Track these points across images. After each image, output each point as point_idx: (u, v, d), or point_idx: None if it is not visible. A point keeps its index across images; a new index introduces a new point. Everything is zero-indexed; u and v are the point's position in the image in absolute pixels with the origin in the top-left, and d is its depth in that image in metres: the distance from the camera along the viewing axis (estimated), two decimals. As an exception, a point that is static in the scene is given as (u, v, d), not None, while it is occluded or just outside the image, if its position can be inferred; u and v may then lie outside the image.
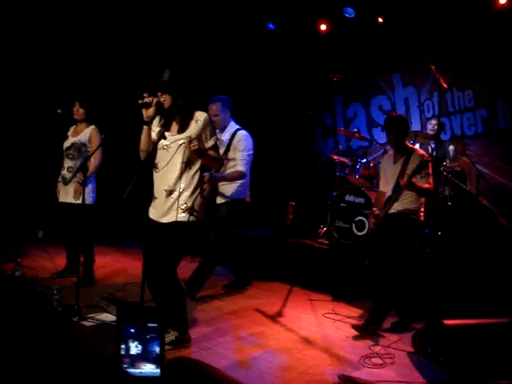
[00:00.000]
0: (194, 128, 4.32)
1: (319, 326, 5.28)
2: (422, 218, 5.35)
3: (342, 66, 8.90)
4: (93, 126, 6.30)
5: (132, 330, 3.52)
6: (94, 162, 6.13)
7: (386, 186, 5.51)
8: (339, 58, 9.24)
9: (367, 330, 4.96)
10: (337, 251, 7.12)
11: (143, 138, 4.36)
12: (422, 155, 5.24)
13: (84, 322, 4.86)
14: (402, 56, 8.66)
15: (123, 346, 3.51)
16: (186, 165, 4.32)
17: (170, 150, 4.31)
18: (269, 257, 7.40)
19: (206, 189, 5.44)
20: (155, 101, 4.24)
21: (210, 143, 4.42)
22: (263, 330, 5.06)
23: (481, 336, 4.20)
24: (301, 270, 7.03)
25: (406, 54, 8.57)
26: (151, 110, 4.27)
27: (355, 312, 5.73)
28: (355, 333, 4.97)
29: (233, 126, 6.04)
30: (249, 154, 5.95)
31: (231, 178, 5.93)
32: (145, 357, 3.50)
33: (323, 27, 9.20)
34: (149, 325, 3.52)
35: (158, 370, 3.47)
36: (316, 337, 4.92)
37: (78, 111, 6.30)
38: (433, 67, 6.75)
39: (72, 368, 3.74)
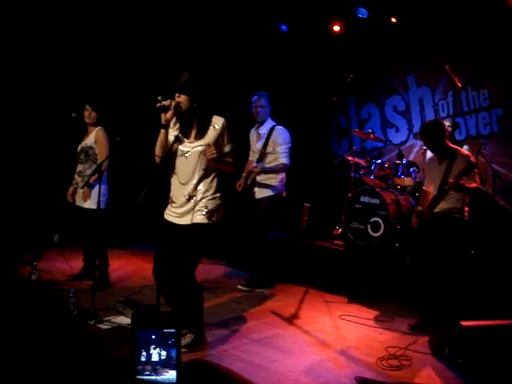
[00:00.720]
0: (211, 134, 4.32)
1: (335, 327, 5.25)
2: (466, 218, 5.33)
3: (356, 67, 8.86)
4: (99, 127, 6.28)
5: (147, 336, 3.51)
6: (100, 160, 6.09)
7: (430, 186, 5.45)
8: (353, 58, 9.21)
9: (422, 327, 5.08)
10: (352, 252, 7.09)
11: (160, 141, 4.35)
12: (467, 156, 5.19)
13: (100, 325, 4.88)
14: (415, 56, 8.60)
15: (139, 352, 3.51)
16: (206, 171, 4.35)
17: (189, 157, 4.32)
18: (284, 259, 7.38)
19: (249, 179, 6.12)
20: (173, 104, 4.25)
21: (226, 149, 4.42)
22: (279, 332, 5.05)
23: (499, 337, 4.16)
24: (316, 271, 7.02)
25: (419, 53, 8.52)
26: (169, 114, 4.27)
27: (371, 313, 5.70)
28: (372, 334, 4.94)
29: (270, 121, 6.33)
30: (289, 147, 6.20)
31: (277, 170, 6.21)
32: (161, 362, 3.49)
33: (336, 28, 9.17)
34: (165, 330, 3.52)
35: (174, 375, 3.47)
36: (332, 339, 4.90)
37: (91, 115, 6.28)
38: (447, 67, 6.71)
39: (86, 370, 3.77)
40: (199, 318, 4.47)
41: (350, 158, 7.93)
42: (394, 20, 8.48)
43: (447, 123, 7.48)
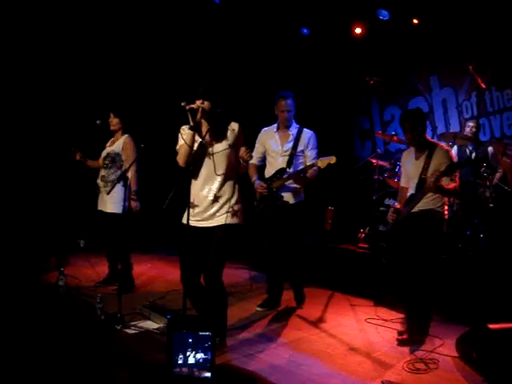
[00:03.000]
0: (230, 137, 4.43)
1: (361, 331, 5.24)
2: (445, 217, 5.07)
3: (378, 69, 8.84)
4: (126, 135, 6.41)
5: (184, 339, 3.57)
6: (130, 174, 6.14)
7: (407, 183, 5.25)
8: (375, 60, 9.19)
9: (413, 341, 4.81)
10: (377, 255, 7.06)
11: (187, 143, 4.34)
12: (447, 151, 5.01)
13: (127, 330, 4.92)
14: (438, 57, 8.56)
15: (176, 355, 3.56)
16: (228, 172, 4.42)
17: (213, 158, 4.38)
18: (309, 262, 7.37)
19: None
20: (201, 108, 4.31)
21: None
22: (305, 335, 5.05)
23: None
24: (341, 274, 7.00)
25: (442, 54, 8.48)
26: (198, 116, 4.33)
27: (397, 316, 5.66)
28: (398, 337, 4.91)
29: (295, 124, 6.07)
30: (317, 152, 5.98)
31: (314, 177, 5.87)
32: (197, 364, 3.55)
33: (358, 30, 9.16)
34: (201, 333, 3.57)
35: (209, 375, 3.51)
36: (358, 342, 4.89)
37: (113, 121, 6.41)
38: (470, 67, 6.67)
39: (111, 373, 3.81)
40: (224, 320, 4.50)
41: (373, 161, 7.91)
42: (415, 21, 8.45)
43: (471, 124, 7.44)
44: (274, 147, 6.02)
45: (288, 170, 5.86)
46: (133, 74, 9.20)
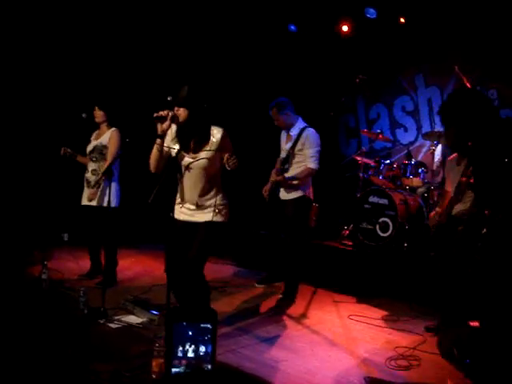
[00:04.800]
0: (213, 145, 4.39)
1: (344, 327, 5.26)
2: None
3: (365, 67, 8.86)
4: (113, 129, 6.41)
5: (184, 331, 3.54)
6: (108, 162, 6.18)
7: (450, 186, 5.32)
8: (361, 59, 9.21)
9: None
10: (361, 253, 7.10)
11: (154, 152, 4.41)
12: None
13: (110, 324, 4.90)
14: (424, 56, 8.59)
15: (175, 347, 3.54)
16: (211, 178, 4.46)
17: (192, 171, 4.42)
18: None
19: (266, 189, 6.11)
20: (170, 115, 4.29)
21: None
22: (288, 331, 5.07)
23: (508, 338, 4.15)
24: (325, 271, 7.03)
25: (428, 54, 8.50)
26: (166, 124, 4.32)
27: (380, 313, 5.70)
28: (381, 334, 4.95)
29: (300, 123, 6.23)
30: (318, 150, 6.08)
31: (302, 177, 6.05)
32: (196, 357, 3.54)
33: (345, 28, 9.18)
34: (202, 325, 3.55)
35: (209, 367, 3.53)
36: (341, 339, 4.91)
37: (97, 114, 6.41)
38: (456, 67, 6.70)
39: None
40: None
41: (358, 158, 7.94)
42: (402, 20, 8.48)
43: None
44: (282, 146, 6.40)
45: (283, 167, 6.19)
46: (118, 66, 9.14)
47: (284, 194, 6.19)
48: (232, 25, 9.45)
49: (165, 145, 4.42)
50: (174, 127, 4.47)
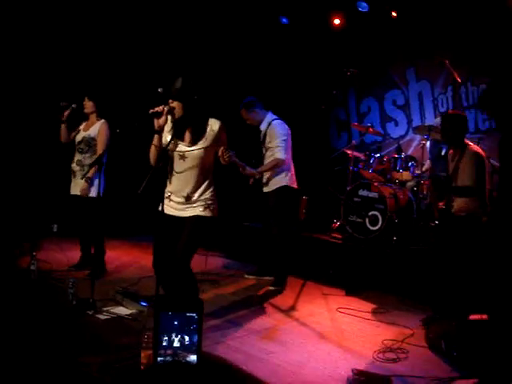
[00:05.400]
0: (209, 136, 4.37)
1: (333, 320, 5.29)
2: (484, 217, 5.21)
3: (356, 61, 8.86)
4: (103, 121, 6.35)
5: (170, 320, 3.55)
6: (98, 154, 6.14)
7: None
8: (353, 52, 9.22)
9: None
10: (350, 246, 7.12)
11: (154, 146, 4.39)
12: (474, 153, 5.12)
13: (99, 316, 4.89)
14: (415, 50, 8.61)
15: (161, 336, 3.54)
16: (204, 170, 4.43)
17: (186, 160, 4.38)
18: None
19: (251, 181, 6.33)
20: (166, 110, 4.28)
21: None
22: (276, 323, 5.08)
23: (495, 331, 4.18)
24: (314, 264, 7.04)
25: (419, 48, 8.52)
26: (162, 119, 4.30)
27: (369, 306, 5.73)
28: (369, 327, 4.97)
29: (269, 117, 6.36)
30: (283, 140, 6.20)
31: (270, 168, 6.22)
32: (182, 347, 3.54)
33: (337, 21, 9.17)
34: (188, 314, 3.55)
35: (195, 358, 3.52)
36: (329, 331, 4.93)
37: (87, 104, 6.35)
38: (447, 62, 6.72)
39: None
40: None
41: (348, 152, 7.95)
42: (394, 14, 8.49)
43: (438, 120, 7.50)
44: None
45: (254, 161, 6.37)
46: (108, 57, 9.10)
47: (265, 187, 6.36)
48: (224, 17, 9.42)
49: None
50: (170, 119, 4.45)
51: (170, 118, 4.37)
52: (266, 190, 6.36)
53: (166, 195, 4.48)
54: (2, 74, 8.20)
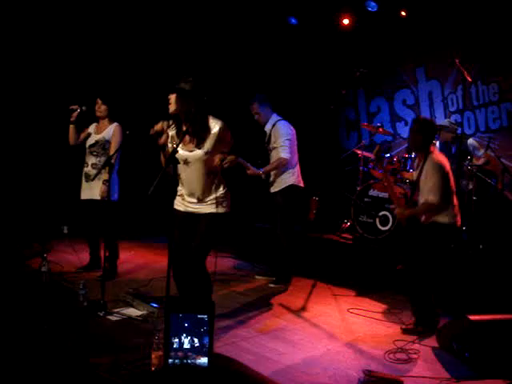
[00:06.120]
0: (211, 139, 4.35)
1: (343, 321, 5.27)
2: (457, 224, 5.05)
3: (365, 61, 8.85)
4: (116, 124, 6.35)
5: (180, 322, 3.53)
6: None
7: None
8: (362, 52, 9.20)
9: (416, 331, 4.87)
10: (361, 246, 7.10)
11: (162, 159, 4.52)
12: (434, 164, 4.90)
13: (110, 317, 4.91)
14: (425, 49, 8.58)
15: (172, 338, 3.54)
16: (209, 173, 4.45)
17: (190, 164, 4.41)
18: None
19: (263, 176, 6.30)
20: (165, 127, 4.40)
21: (225, 150, 4.46)
22: (287, 324, 5.08)
23: (507, 332, 4.16)
24: (324, 264, 7.03)
25: (429, 47, 8.49)
26: (163, 138, 4.42)
27: (379, 307, 5.71)
28: (380, 328, 4.95)
29: (274, 118, 6.42)
30: (287, 140, 6.25)
31: (274, 167, 6.28)
32: (193, 349, 3.53)
33: (346, 21, 9.14)
34: (198, 316, 3.54)
35: (206, 360, 3.51)
36: (340, 332, 4.92)
37: (100, 108, 6.34)
38: (457, 61, 6.69)
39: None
40: None
41: (358, 152, 7.95)
42: (403, 13, 8.46)
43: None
44: None
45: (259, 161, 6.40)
46: (119, 61, 9.13)
47: (272, 187, 6.42)
48: (232, 18, 9.42)
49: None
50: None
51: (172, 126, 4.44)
52: (273, 189, 6.40)
53: (179, 193, 4.58)
54: (14, 78, 8.25)
